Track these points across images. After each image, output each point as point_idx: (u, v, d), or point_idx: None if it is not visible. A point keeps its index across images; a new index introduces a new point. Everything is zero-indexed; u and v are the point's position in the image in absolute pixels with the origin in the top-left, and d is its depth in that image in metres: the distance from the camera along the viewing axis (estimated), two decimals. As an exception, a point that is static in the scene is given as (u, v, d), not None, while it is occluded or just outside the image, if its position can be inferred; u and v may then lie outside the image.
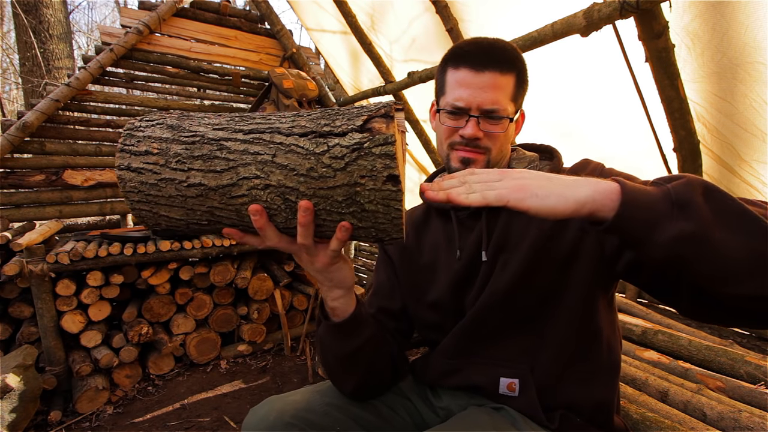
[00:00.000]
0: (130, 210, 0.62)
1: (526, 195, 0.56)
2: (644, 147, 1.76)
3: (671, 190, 0.54)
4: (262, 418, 0.79)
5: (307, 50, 3.64)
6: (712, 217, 0.52)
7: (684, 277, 0.55)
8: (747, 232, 0.51)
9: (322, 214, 0.56)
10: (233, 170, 0.56)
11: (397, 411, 0.89)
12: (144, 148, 0.58)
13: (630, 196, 0.53)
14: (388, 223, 0.55)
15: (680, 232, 0.51)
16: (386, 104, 0.55)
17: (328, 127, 0.54)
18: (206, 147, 0.57)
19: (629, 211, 0.53)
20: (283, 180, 0.54)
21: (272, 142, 0.55)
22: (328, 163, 0.53)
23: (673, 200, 0.53)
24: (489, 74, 0.79)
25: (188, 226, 0.62)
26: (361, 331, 0.80)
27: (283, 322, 2.70)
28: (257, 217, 0.56)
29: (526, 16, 1.81)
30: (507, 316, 0.82)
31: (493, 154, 0.83)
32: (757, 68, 1.29)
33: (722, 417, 1.08)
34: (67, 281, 2.09)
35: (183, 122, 0.60)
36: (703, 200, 0.53)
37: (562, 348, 0.79)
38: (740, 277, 0.51)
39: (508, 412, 0.79)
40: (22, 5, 5.37)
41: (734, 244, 0.51)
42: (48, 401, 2.07)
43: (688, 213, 0.52)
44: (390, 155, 0.51)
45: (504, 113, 0.80)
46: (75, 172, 2.60)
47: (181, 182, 0.57)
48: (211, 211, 0.59)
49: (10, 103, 9.46)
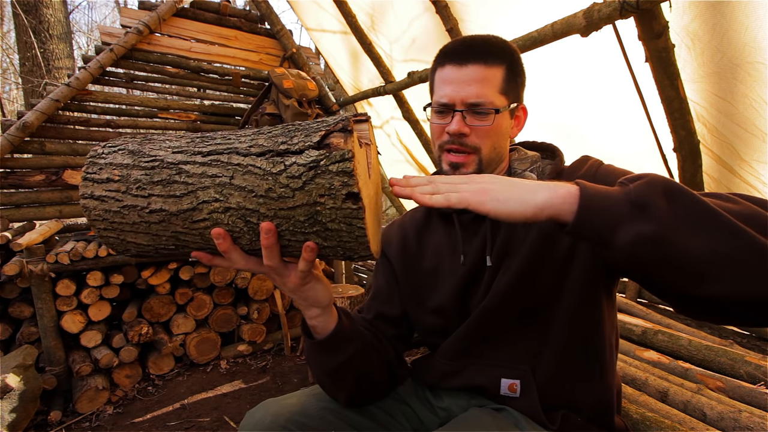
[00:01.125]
0: (98, 238, 0.62)
1: (486, 198, 0.57)
2: (644, 147, 1.76)
3: (631, 191, 0.54)
4: (258, 422, 0.79)
5: (307, 50, 3.64)
6: (673, 218, 0.51)
7: (652, 278, 0.55)
8: (710, 232, 0.50)
9: (286, 234, 0.55)
10: (192, 194, 0.55)
11: (395, 415, 0.89)
12: (106, 175, 0.58)
13: (588, 199, 0.54)
14: (353, 242, 0.54)
15: (638, 233, 0.51)
16: (345, 117, 0.53)
17: (285, 145, 0.53)
18: (165, 171, 0.56)
19: (587, 214, 0.53)
20: (243, 202, 0.53)
21: (230, 164, 0.54)
22: (286, 183, 0.51)
23: (633, 201, 0.52)
24: (472, 67, 0.78)
25: (157, 251, 0.61)
26: (344, 348, 0.78)
27: (283, 322, 2.70)
28: (221, 240, 0.55)
29: (526, 16, 1.81)
30: (509, 318, 0.81)
31: (485, 153, 0.81)
32: (757, 68, 1.29)
33: (722, 417, 1.08)
34: (67, 281, 2.09)
35: (144, 147, 0.59)
36: (664, 200, 0.52)
37: (564, 349, 0.79)
38: (709, 278, 0.49)
39: (509, 413, 0.79)
40: (22, 5, 5.37)
41: (697, 244, 0.50)
42: (48, 401, 2.07)
43: (647, 214, 0.51)
44: (347, 172, 0.49)
45: (490, 106, 0.78)
46: (75, 172, 2.60)
47: (143, 208, 0.56)
48: (176, 236, 0.58)
49: (10, 103, 9.46)
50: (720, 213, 0.51)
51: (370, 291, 1.01)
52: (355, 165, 0.50)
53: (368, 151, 0.59)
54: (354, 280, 3.40)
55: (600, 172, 0.79)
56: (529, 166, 0.87)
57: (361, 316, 0.96)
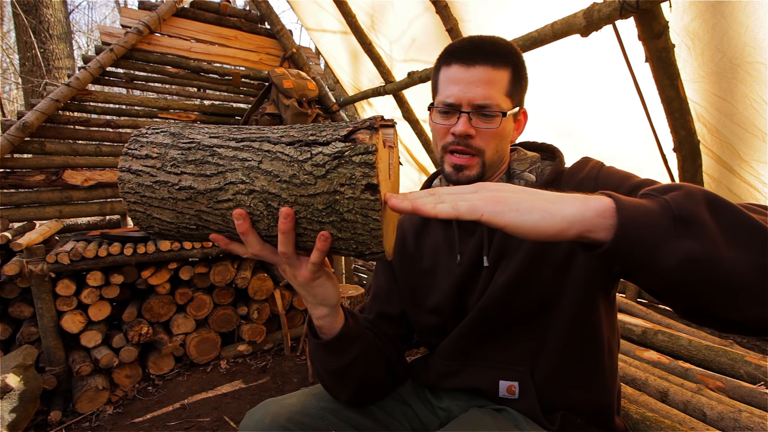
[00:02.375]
0: (126, 210, 0.64)
1: (503, 208, 0.49)
2: (644, 147, 1.76)
3: (671, 204, 0.47)
4: (258, 422, 0.79)
5: (307, 50, 3.64)
6: (721, 234, 0.45)
7: (691, 303, 0.48)
8: (756, 249, 0.45)
9: (302, 222, 0.57)
10: (221, 175, 0.58)
11: (395, 415, 0.89)
12: (145, 152, 0.62)
13: (627, 214, 0.46)
14: (367, 234, 0.55)
15: (687, 254, 0.44)
16: (373, 118, 0.56)
17: (314, 136, 0.56)
18: (200, 152, 0.59)
19: (628, 231, 0.45)
20: (267, 186, 0.56)
21: (260, 150, 0.57)
22: (310, 170, 0.54)
23: (675, 215, 0.46)
24: (480, 68, 0.77)
25: (178, 230, 0.64)
26: (350, 348, 0.78)
27: (283, 322, 2.70)
28: (240, 221, 0.56)
29: (526, 16, 1.81)
30: (507, 319, 0.81)
31: (488, 156, 0.80)
32: (757, 68, 1.29)
33: (722, 417, 1.08)
34: (67, 281, 2.09)
35: (184, 131, 0.63)
36: (709, 214, 0.46)
37: (563, 351, 0.79)
38: (748, 301, 0.45)
39: (509, 413, 0.79)
40: (22, 5, 5.37)
41: (744, 262, 0.45)
42: (48, 401, 2.07)
43: (695, 230, 0.45)
44: (369, 164, 0.52)
45: (497, 108, 0.77)
46: (75, 172, 2.60)
47: (173, 185, 0.59)
48: (199, 215, 0.61)
49: (10, 103, 9.46)
50: (763, 225, 0.46)
51: (371, 291, 1.02)
52: (377, 159, 0.52)
53: (391, 154, 0.61)
54: (354, 280, 3.40)
55: (601, 175, 0.78)
56: (529, 166, 0.87)
57: (362, 316, 0.96)
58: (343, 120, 3.45)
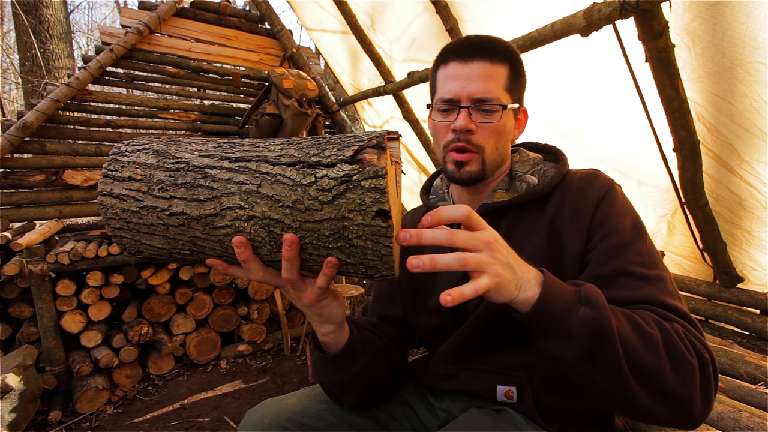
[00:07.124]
0: (111, 237, 0.60)
1: (500, 284, 0.59)
2: (644, 147, 1.76)
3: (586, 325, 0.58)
4: (258, 422, 0.79)
5: (307, 50, 3.64)
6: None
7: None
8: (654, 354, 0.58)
9: (308, 248, 0.53)
10: (216, 200, 0.53)
11: (396, 416, 0.88)
12: (128, 174, 0.57)
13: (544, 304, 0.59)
14: (378, 260, 0.52)
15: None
16: (379, 134, 0.52)
17: (316, 156, 0.51)
18: (190, 174, 0.55)
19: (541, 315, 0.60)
20: (268, 212, 0.52)
21: (258, 172, 0.52)
22: (315, 195, 0.50)
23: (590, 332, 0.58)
24: (478, 63, 0.77)
25: (171, 256, 0.60)
26: (356, 361, 0.77)
27: (283, 322, 2.70)
28: (241, 249, 0.53)
29: (525, 16, 1.81)
30: (505, 325, 0.79)
31: (488, 153, 0.79)
32: (757, 68, 1.29)
33: (722, 417, 1.08)
34: (67, 281, 2.09)
35: (169, 148, 0.58)
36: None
37: None
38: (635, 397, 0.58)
39: (509, 413, 0.78)
40: (22, 5, 5.37)
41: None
42: (48, 401, 2.07)
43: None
44: (380, 189, 0.48)
45: (497, 102, 0.77)
46: (75, 172, 2.60)
47: (163, 210, 0.55)
48: (194, 241, 0.57)
49: (10, 103, 9.47)
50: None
51: (372, 293, 1.01)
52: (387, 182, 0.49)
53: (397, 169, 0.58)
54: (354, 280, 3.40)
55: (607, 200, 0.75)
56: (531, 168, 0.86)
57: (366, 319, 0.96)
58: (343, 120, 3.45)
